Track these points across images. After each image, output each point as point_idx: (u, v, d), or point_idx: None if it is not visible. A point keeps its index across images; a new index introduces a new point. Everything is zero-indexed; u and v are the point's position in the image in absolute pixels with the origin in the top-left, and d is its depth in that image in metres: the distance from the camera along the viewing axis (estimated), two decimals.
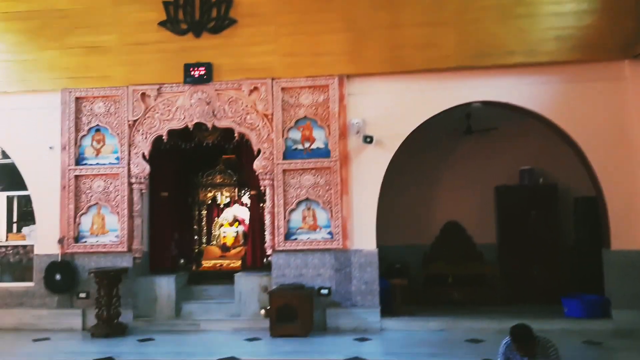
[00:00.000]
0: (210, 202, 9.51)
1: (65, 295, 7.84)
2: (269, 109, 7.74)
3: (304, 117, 7.74)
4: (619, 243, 7.12)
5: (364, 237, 7.50)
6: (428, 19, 7.53)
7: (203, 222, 9.58)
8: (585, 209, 8.64)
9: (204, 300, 8.19)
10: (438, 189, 9.62)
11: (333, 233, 7.54)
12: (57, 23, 8.15)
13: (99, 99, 8.11)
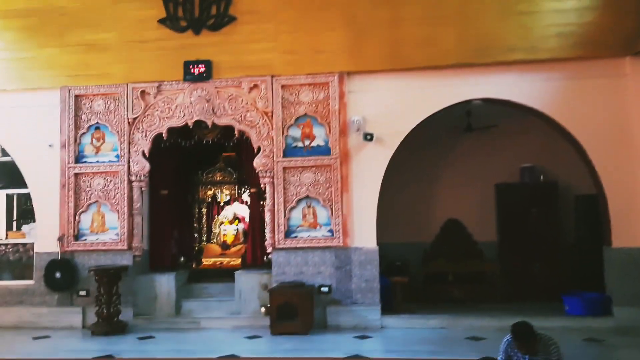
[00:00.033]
0: (211, 199, 9.50)
1: (65, 293, 7.83)
2: (269, 107, 7.72)
3: (304, 114, 7.72)
4: (620, 240, 7.11)
5: (365, 234, 7.49)
6: (428, 16, 7.50)
7: (203, 220, 9.57)
8: (586, 207, 8.63)
9: (204, 298, 8.18)
10: (438, 187, 9.60)
11: (333, 231, 7.53)
12: (56, 20, 8.12)
13: (99, 97, 8.09)
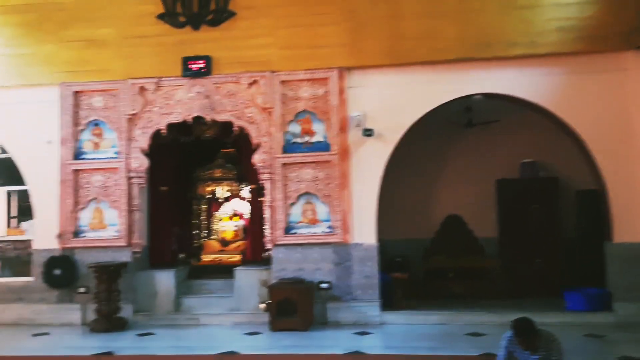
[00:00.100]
0: (210, 196, 9.49)
1: (65, 290, 7.81)
2: (268, 103, 7.68)
3: (304, 110, 7.69)
4: (622, 236, 7.08)
5: (364, 230, 7.47)
6: (428, 10, 7.46)
7: (203, 216, 9.55)
8: (587, 202, 8.60)
9: (204, 295, 8.17)
10: (439, 183, 9.58)
11: (333, 227, 7.50)
12: (55, 16, 8.09)
13: (98, 93, 8.06)
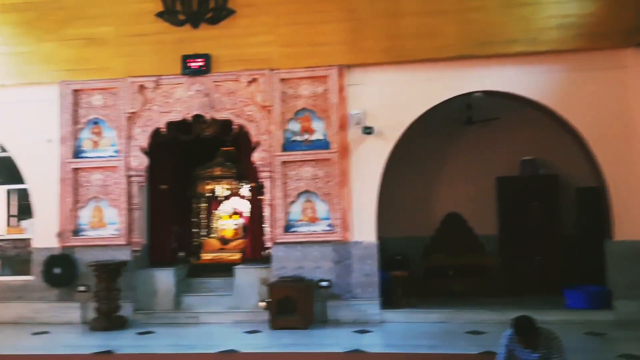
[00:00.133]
0: (210, 194, 9.47)
1: (65, 289, 7.81)
2: (268, 101, 7.67)
3: (303, 108, 7.67)
4: (622, 233, 7.07)
5: (364, 229, 7.46)
6: (428, 8, 7.44)
7: (202, 214, 9.54)
8: (587, 199, 8.59)
9: (204, 293, 8.16)
10: (439, 180, 9.57)
11: (333, 225, 7.50)
12: (54, 14, 8.09)
13: (97, 92, 8.05)
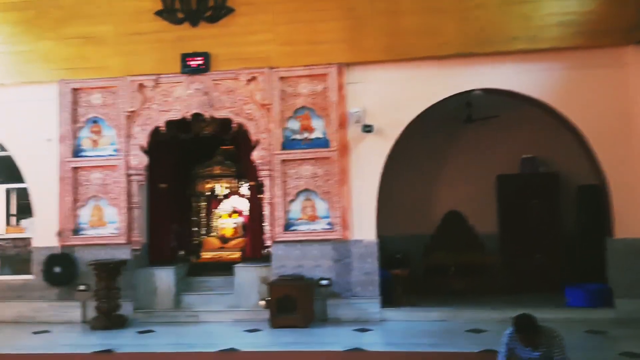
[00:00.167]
0: (209, 193, 9.46)
1: (65, 288, 7.81)
2: (267, 99, 7.65)
3: (303, 106, 7.65)
4: (623, 231, 7.05)
5: (364, 227, 7.44)
6: (428, 6, 7.41)
7: (202, 213, 9.54)
8: (588, 197, 8.57)
9: (204, 292, 8.16)
10: (439, 178, 9.56)
11: (333, 223, 7.48)
12: (53, 13, 8.07)
13: (96, 90, 8.04)
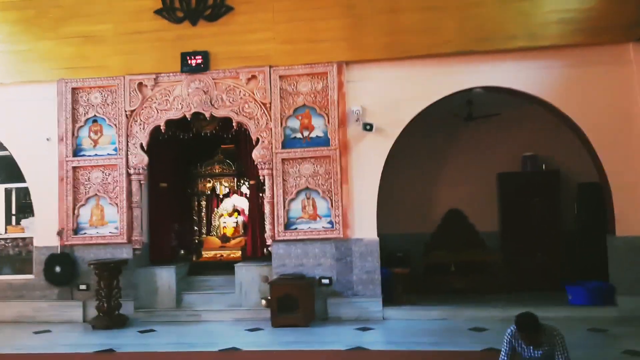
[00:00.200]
0: (210, 192, 9.44)
1: (66, 288, 7.80)
2: (267, 98, 7.64)
3: (303, 105, 7.64)
4: (624, 229, 7.04)
5: (365, 226, 7.43)
6: (428, 4, 7.39)
7: (202, 212, 9.52)
8: (589, 195, 8.56)
9: (205, 291, 8.15)
10: (439, 177, 9.55)
11: (333, 222, 7.47)
12: (52, 12, 8.05)
13: (96, 89, 8.02)
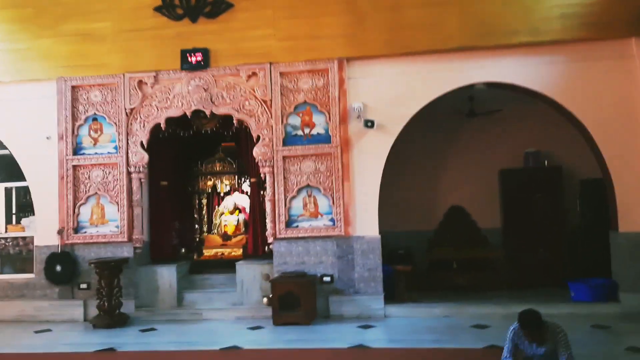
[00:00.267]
0: (211, 190, 9.43)
1: (66, 287, 7.78)
2: (268, 95, 7.60)
3: (304, 102, 7.60)
4: (627, 225, 6.99)
5: (366, 223, 7.40)
6: None
7: (203, 210, 9.51)
8: (591, 191, 8.54)
9: (206, 289, 8.12)
10: (441, 174, 9.52)
11: (335, 220, 7.44)
12: (51, 10, 8.01)
13: (96, 87, 7.98)
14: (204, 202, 9.52)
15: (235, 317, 7.47)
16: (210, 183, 9.35)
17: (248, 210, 9.09)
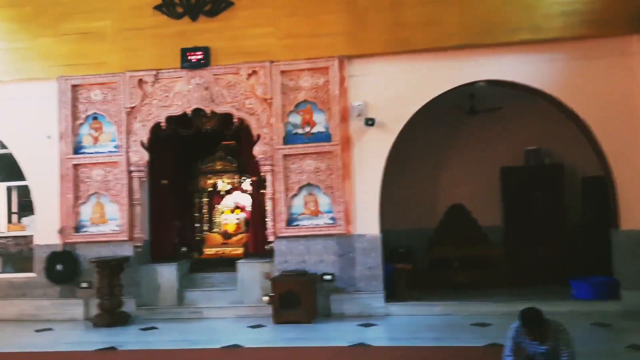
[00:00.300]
0: (211, 189, 9.42)
1: (67, 286, 7.78)
2: (268, 93, 7.59)
3: (304, 100, 7.59)
4: (629, 223, 6.98)
5: (367, 221, 7.39)
6: None
7: (204, 209, 9.49)
8: (593, 189, 8.51)
9: (207, 288, 8.13)
10: (442, 172, 9.51)
11: (335, 218, 7.43)
12: (50, 9, 8.01)
13: (96, 86, 7.98)
14: (205, 200, 9.51)
15: (236, 315, 7.47)
16: (211, 182, 9.35)
17: (249, 209, 9.09)
